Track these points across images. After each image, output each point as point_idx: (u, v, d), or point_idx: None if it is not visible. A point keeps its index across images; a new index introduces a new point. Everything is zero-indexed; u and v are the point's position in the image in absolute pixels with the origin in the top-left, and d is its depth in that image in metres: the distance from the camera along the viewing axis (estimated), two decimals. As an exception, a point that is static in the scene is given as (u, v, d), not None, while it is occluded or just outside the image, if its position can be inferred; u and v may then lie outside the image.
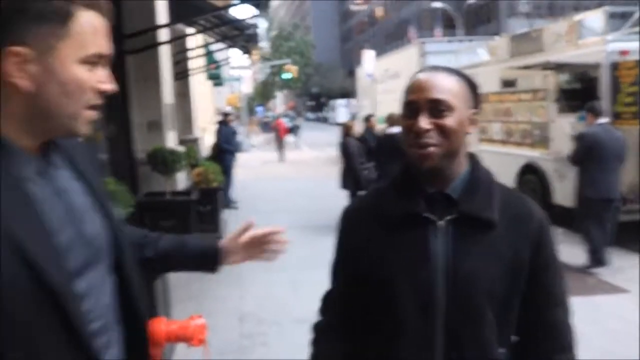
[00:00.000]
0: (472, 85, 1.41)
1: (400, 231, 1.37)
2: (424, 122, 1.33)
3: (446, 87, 1.35)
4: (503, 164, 10.09)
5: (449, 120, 1.33)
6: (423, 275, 1.34)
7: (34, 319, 1.01)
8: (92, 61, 1.09)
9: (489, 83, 10.64)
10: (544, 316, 1.40)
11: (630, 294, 5.56)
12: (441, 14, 48.65)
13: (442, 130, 1.33)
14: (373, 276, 1.40)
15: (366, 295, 1.42)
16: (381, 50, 28.52)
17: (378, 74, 19.12)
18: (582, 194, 6.52)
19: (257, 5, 7.76)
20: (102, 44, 1.11)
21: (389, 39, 68.07)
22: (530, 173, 9.40)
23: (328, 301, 1.55)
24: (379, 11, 71.93)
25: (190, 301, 5.43)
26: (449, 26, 47.29)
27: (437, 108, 1.34)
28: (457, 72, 1.40)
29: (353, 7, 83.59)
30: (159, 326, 3.34)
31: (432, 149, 1.33)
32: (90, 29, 1.08)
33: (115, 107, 7.13)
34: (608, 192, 6.29)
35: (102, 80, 1.11)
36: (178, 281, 5.97)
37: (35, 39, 1.03)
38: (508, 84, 10.06)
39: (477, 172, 1.42)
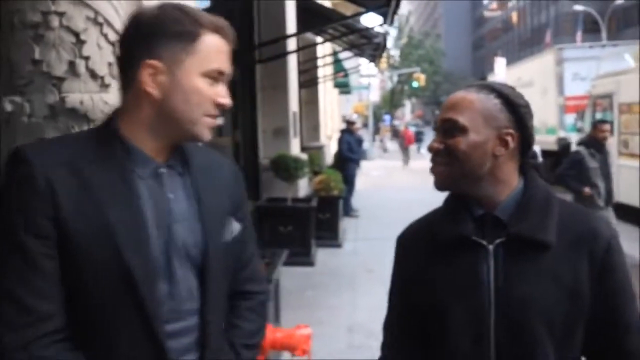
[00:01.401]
0: (508, 102, 1.29)
1: (450, 256, 1.31)
2: (435, 142, 1.31)
3: (463, 107, 1.28)
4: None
5: (458, 142, 1.27)
6: (473, 303, 1.27)
7: (113, 306, 1.14)
8: (212, 76, 1.21)
9: (634, 92, 9.80)
10: (616, 345, 1.27)
11: None
12: (583, 18, 45.69)
13: (450, 152, 1.28)
14: (424, 303, 1.35)
15: (420, 323, 1.37)
16: (515, 58, 27.40)
17: (510, 83, 18.26)
18: None
19: (383, 14, 7.70)
20: (223, 63, 1.23)
21: (524, 45, 65.20)
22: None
23: (386, 332, 1.49)
24: (514, 17, 69.26)
25: (302, 309, 5.46)
26: (592, 30, 44.31)
27: (449, 128, 1.28)
28: (489, 88, 1.31)
29: (487, 14, 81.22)
30: (265, 333, 3.41)
31: (439, 169, 1.30)
32: (214, 48, 1.22)
33: (243, 114, 7.44)
34: None
35: (221, 94, 1.24)
36: (291, 288, 6.05)
37: (167, 54, 1.18)
38: (656, 93, 9.18)
39: (532, 190, 1.31)
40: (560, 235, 1.25)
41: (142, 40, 1.18)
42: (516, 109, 1.29)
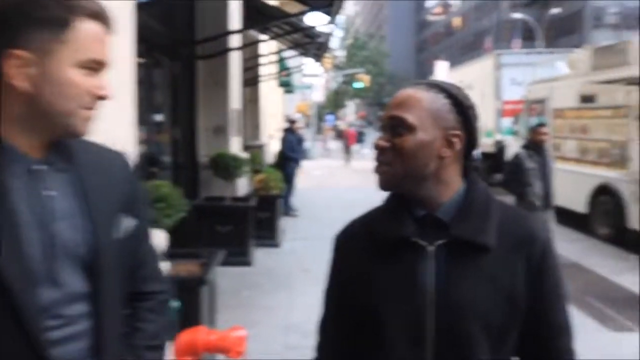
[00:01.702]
0: (457, 103, 1.28)
1: (389, 257, 1.28)
2: (381, 140, 1.27)
3: (411, 104, 1.26)
4: (575, 184, 9.62)
5: (405, 141, 1.24)
6: (411, 305, 1.25)
7: None
8: (88, 66, 1.13)
9: (566, 98, 10.18)
10: (549, 345, 1.30)
11: None
12: (521, 25, 47.27)
13: (396, 151, 1.25)
14: (361, 304, 1.31)
15: (356, 325, 1.34)
16: (457, 61, 28.03)
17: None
18: None
19: (328, 13, 7.70)
20: (100, 52, 1.15)
21: (465, 49, 66.87)
22: (604, 194, 8.88)
23: (321, 333, 1.46)
24: (456, 22, 70.93)
25: (238, 309, 5.40)
26: (529, 38, 45.87)
27: (396, 126, 1.26)
28: (438, 88, 1.29)
29: (430, 17, 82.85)
30: (198, 335, 3.33)
31: (384, 168, 1.27)
32: (90, 36, 1.13)
33: (182, 111, 7.28)
34: None
35: (99, 86, 1.16)
36: (227, 288, 5.97)
37: (35, 43, 1.09)
38: (587, 99, 9.56)
39: (473, 192, 1.30)
40: (500, 238, 1.25)
41: (4, 28, 1.08)
42: (464, 110, 1.28)
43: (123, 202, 1.27)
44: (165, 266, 3.34)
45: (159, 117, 6.54)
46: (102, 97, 1.16)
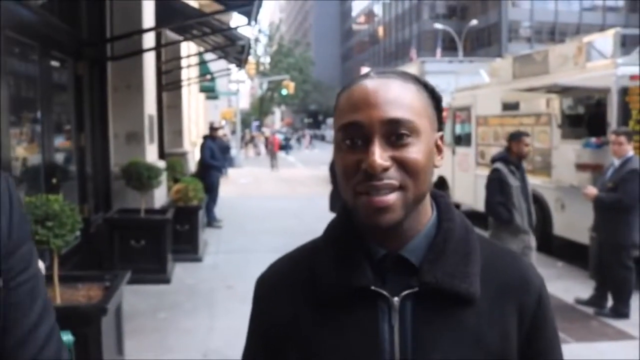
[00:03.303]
0: (436, 98, 0.95)
1: (338, 311, 0.93)
2: (377, 157, 0.85)
3: (410, 101, 0.88)
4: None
5: (416, 151, 0.87)
6: None
7: None
8: None
9: (489, 105, 10.25)
10: None
11: (636, 341, 5.04)
12: (442, 36, 48.64)
13: (405, 167, 0.86)
14: None
15: None
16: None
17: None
18: (619, 238, 5.55)
19: (247, 14, 7.31)
20: None
21: (389, 58, 68.25)
22: (530, 201, 8.93)
23: None
24: (380, 31, 72.27)
25: (152, 334, 4.89)
26: (450, 48, 47.25)
27: (397, 133, 0.87)
28: (415, 79, 0.94)
29: (355, 27, 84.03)
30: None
31: (394, 197, 0.87)
32: None
33: (91, 116, 6.67)
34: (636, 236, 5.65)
35: None
36: (142, 310, 5.46)
37: None
38: (509, 107, 9.63)
39: (447, 224, 0.96)
40: (484, 284, 0.93)
41: None
42: (440, 106, 0.96)
43: None
44: (56, 293, 2.84)
45: (61, 123, 5.91)
46: None
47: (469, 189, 10.68)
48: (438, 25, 46.24)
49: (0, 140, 3.92)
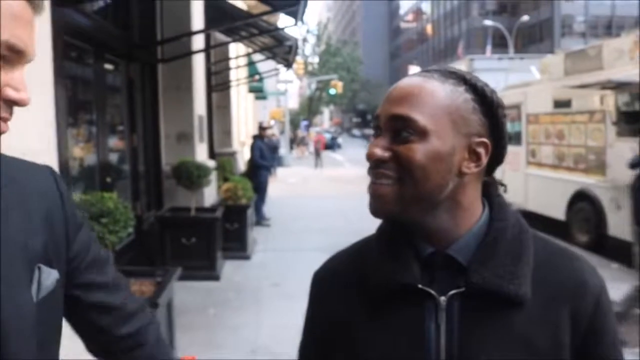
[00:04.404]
0: (483, 100, 0.92)
1: (386, 308, 0.95)
2: (378, 148, 0.90)
3: (422, 100, 0.89)
4: (552, 190, 9.48)
5: (414, 149, 0.88)
6: None
7: None
8: None
9: (540, 103, 10.03)
10: None
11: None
12: (492, 32, 47.72)
13: (401, 162, 0.88)
14: None
15: None
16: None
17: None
18: None
19: (294, 15, 7.38)
20: (17, 34, 0.80)
21: (438, 56, 67.43)
22: (582, 201, 8.70)
23: None
24: (429, 29, 71.50)
25: (202, 330, 5.01)
26: (500, 45, 46.33)
27: (399, 129, 0.89)
28: (460, 77, 0.93)
29: (403, 25, 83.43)
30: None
31: (384, 188, 0.90)
32: (7, 11, 0.79)
33: (143, 116, 6.87)
34: None
35: (12, 84, 0.80)
36: (192, 306, 5.59)
37: None
38: (561, 104, 9.40)
39: (499, 223, 0.95)
40: (536, 286, 0.91)
41: None
42: (494, 111, 0.93)
43: (50, 245, 0.92)
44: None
45: (115, 124, 6.13)
46: (15, 102, 0.81)
47: (519, 188, 10.48)
48: (488, 22, 45.41)
49: (60, 141, 4.09)
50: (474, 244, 0.93)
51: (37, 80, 2.42)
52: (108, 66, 5.79)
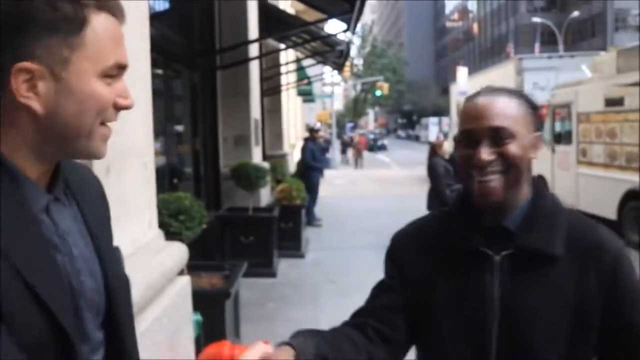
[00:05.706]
0: (533, 107, 1.30)
1: (453, 264, 1.29)
2: (486, 153, 1.22)
3: (507, 113, 1.24)
4: (604, 189, 9.41)
5: (512, 148, 1.23)
6: (477, 314, 1.25)
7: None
8: (111, 74, 0.93)
9: (591, 102, 9.97)
10: (631, 354, 1.23)
11: None
12: (541, 30, 46.81)
13: (506, 159, 1.23)
14: (419, 307, 1.30)
15: (406, 324, 1.30)
16: (476, 68, 27.83)
17: (472, 92, 18.55)
18: None
19: (347, 21, 7.63)
20: (121, 52, 0.95)
21: (485, 55, 66.46)
22: (634, 200, 8.64)
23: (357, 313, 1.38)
24: (475, 28, 70.53)
25: (263, 322, 5.30)
26: (549, 42, 45.43)
27: (499, 136, 1.23)
28: (516, 93, 1.30)
29: (449, 24, 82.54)
30: (223, 350, 3.25)
31: (495, 183, 1.23)
32: (107, 34, 0.92)
33: (203, 121, 7.26)
34: None
35: (122, 94, 0.95)
36: (252, 300, 5.89)
37: (46, 52, 0.87)
38: (613, 102, 9.34)
39: (540, 201, 1.29)
40: (568, 248, 1.23)
41: (8, 38, 0.86)
42: (537, 113, 1.30)
43: (110, 231, 1.11)
44: (187, 280, 3.27)
45: (179, 128, 6.52)
46: (124, 107, 0.96)
47: (570, 188, 10.43)
48: (536, 19, 44.60)
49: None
50: (521, 217, 1.26)
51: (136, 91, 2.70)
52: (173, 74, 6.17)
